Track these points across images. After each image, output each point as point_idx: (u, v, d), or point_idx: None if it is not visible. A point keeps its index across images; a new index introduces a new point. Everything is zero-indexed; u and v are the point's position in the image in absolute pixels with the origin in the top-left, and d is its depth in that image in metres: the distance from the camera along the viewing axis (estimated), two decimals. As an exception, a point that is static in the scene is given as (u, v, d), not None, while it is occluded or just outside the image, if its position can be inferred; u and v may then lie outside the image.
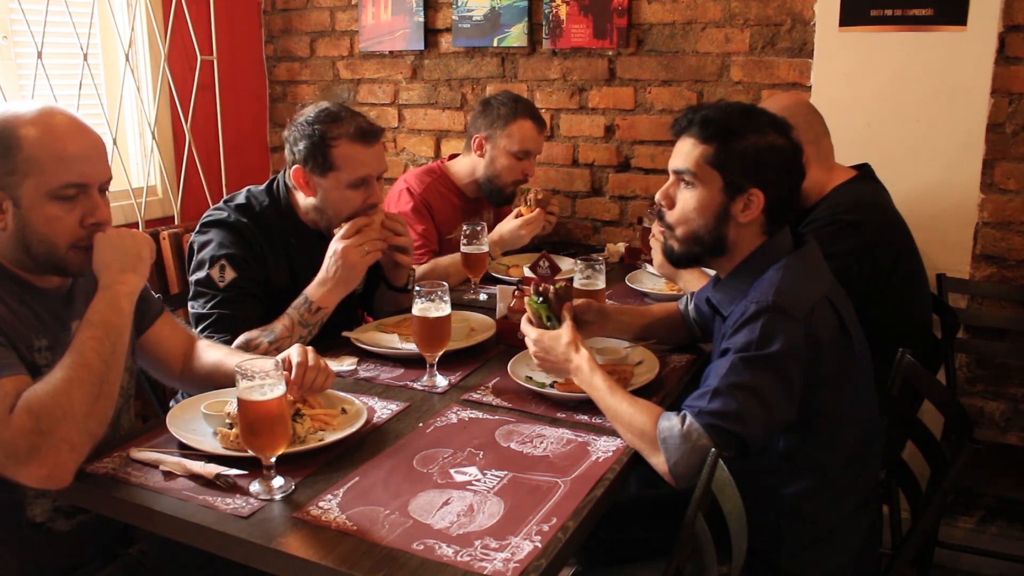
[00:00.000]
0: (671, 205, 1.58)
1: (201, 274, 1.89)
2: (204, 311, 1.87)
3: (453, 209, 2.71)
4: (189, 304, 1.92)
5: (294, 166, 1.95)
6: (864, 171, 2.14)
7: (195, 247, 1.96)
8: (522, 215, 2.58)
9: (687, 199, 1.54)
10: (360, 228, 1.92)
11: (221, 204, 2.03)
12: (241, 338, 1.84)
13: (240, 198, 2.03)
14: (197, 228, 1.99)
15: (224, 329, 1.85)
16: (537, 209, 2.58)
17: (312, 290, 1.90)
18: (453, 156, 2.83)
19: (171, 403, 1.95)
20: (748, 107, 1.55)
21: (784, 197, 1.52)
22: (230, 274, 1.88)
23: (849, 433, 1.51)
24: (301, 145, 1.93)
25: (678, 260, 1.61)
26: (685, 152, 1.53)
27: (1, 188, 1.36)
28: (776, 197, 1.51)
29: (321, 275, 1.91)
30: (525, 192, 2.70)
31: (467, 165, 2.71)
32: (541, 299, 1.67)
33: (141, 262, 1.47)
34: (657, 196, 1.61)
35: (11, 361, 1.31)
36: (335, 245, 1.91)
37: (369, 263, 1.95)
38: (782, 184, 1.51)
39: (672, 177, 1.58)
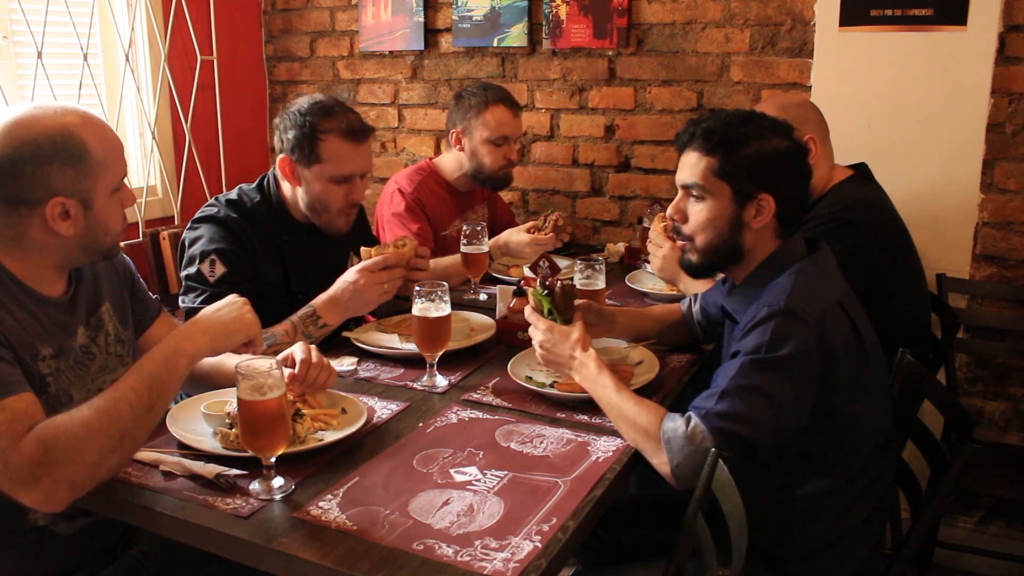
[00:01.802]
0: (684, 219, 1.58)
1: (192, 269, 1.90)
2: (195, 306, 1.87)
3: (445, 205, 2.71)
4: (180, 300, 1.92)
5: (281, 155, 1.97)
6: (861, 170, 2.14)
7: (186, 243, 1.97)
8: (536, 228, 2.59)
9: (698, 212, 1.55)
10: (388, 266, 1.89)
11: (213, 200, 2.04)
12: None
13: (232, 194, 2.04)
14: (189, 224, 2.00)
15: None
16: (551, 234, 2.59)
17: (321, 305, 1.89)
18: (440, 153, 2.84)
19: (170, 403, 1.96)
20: (748, 114, 1.54)
21: (794, 198, 1.52)
22: (220, 269, 1.89)
23: (865, 436, 1.51)
24: (290, 135, 1.94)
25: (697, 271, 1.62)
26: (691, 165, 1.54)
27: (72, 195, 1.36)
28: (786, 199, 1.51)
29: (333, 293, 1.89)
30: (547, 212, 2.69)
31: (452, 160, 2.72)
32: (546, 292, 1.68)
33: (227, 339, 1.43)
34: (669, 211, 1.62)
35: (18, 378, 1.29)
36: (356, 274, 1.88)
37: (384, 300, 1.93)
38: (790, 185, 1.51)
39: (681, 191, 1.58)
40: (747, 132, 1.50)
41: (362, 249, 1.94)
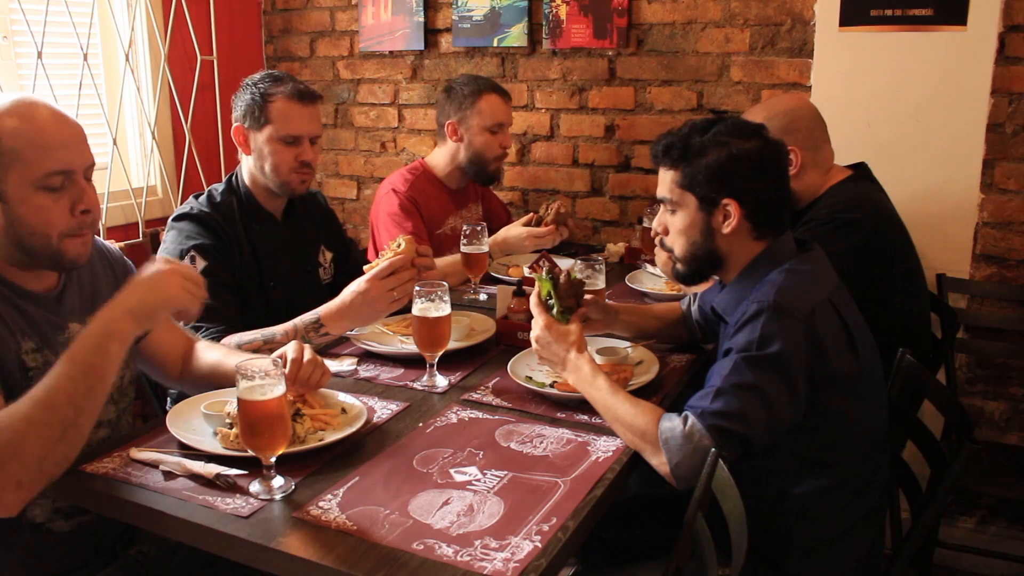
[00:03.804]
0: (666, 232, 1.63)
1: None
2: None
3: (439, 203, 2.72)
4: None
5: (235, 124, 2.06)
6: (860, 170, 2.14)
7: (164, 243, 2.00)
8: (534, 221, 2.59)
9: (674, 223, 1.60)
10: (397, 271, 1.84)
11: (188, 200, 2.07)
12: (234, 339, 1.84)
13: (203, 193, 2.09)
14: (167, 226, 2.03)
15: (207, 319, 1.86)
16: (551, 226, 2.58)
17: (327, 314, 1.86)
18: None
19: (167, 404, 1.96)
20: (711, 121, 1.57)
21: (764, 199, 1.52)
22: (201, 263, 1.92)
23: (859, 435, 1.51)
24: (242, 103, 2.04)
25: (685, 279, 1.66)
26: (662, 180, 1.60)
27: None
28: (753, 202, 1.51)
29: (341, 303, 1.85)
30: (549, 201, 2.69)
31: (446, 154, 2.72)
32: (550, 278, 1.68)
33: (151, 319, 1.40)
34: (654, 225, 1.68)
35: None
36: (365, 284, 1.83)
37: (395, 308, 1.88)
38: (755, 188, 1.51)
39: (661, 206, 1.64)
40: (704, 141, 1.52)
41: (366, 268, 1.90)
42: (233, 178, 2.11)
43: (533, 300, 1.69)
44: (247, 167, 2.09)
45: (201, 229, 1.96)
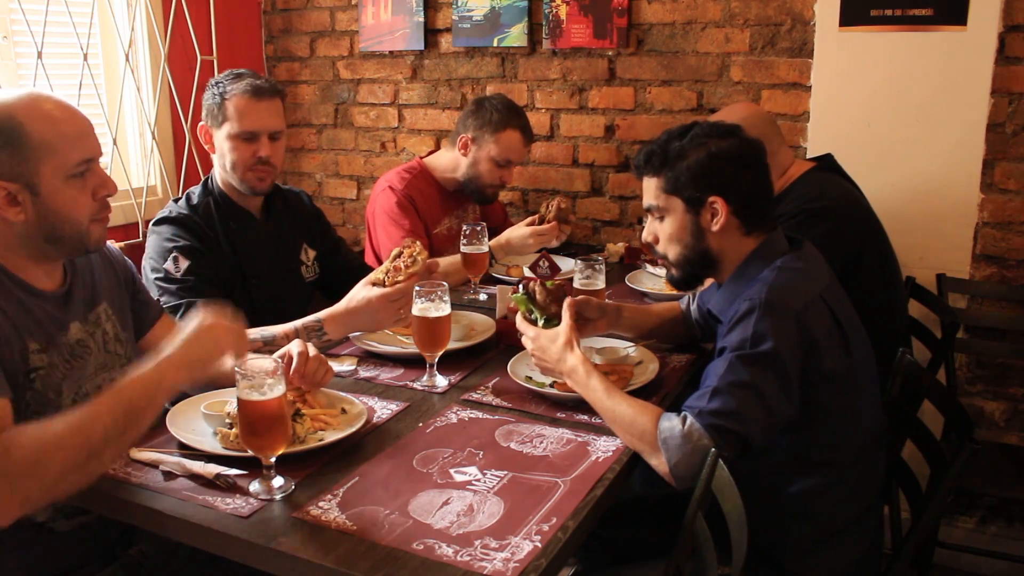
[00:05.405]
0: (656, 240, 1.65)
1: (159, 273, 1.94)
2: (173, 303, 1.90)
3: (436, 203, 2.72)
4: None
5: (200, 124, 2.07)
6: (825, 161, 2.14)
7: (147, 247, 2.01)
8: (538, 220, 2.59)
9: (664, 230, 1.62)
10: (408, 295, 1.82)
11: (167, 204, 2.09)
12: None
13: (181, 196, 2.11)
14: (148, 233, 2.04)
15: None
16: (553, 223, 2.58)
17: (330, 321, 1.87)
18: (430, 153, 2.84)
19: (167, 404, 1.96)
20: (687, 126, 1.60)
21: (749, 194, 1.55)
22: (184, 263, 1.94)
23: (854, 432, 1.52)
24: (206, 102, 2.05)
25: (679, 283, 1.67)
26: (646, 189, 1.63)
27: (14, 179, 1.33)
28: (739, 197, 1.53)
29: (347, 309, 1.87)
30: (549, 198, 2.70)
31: (448, 160, 2.72)
32: (524, 294, 1.68)
33: (203, 369, 1.38)
34: (644, 235, 1.69)
35: None
36: (376, 299, 1.84)
37: (396, 325, 1.92)
38: (739, 183, 1.54)
39: (649, 215, 1.65)
40: (684, 145, 1.55)
41: (374, 280, 1.88)
42: (209, 179, 2.13)
43: (518, 319, 1.70)
44: (220, 173, 2.09)
45: (181, 231, 1.98)
